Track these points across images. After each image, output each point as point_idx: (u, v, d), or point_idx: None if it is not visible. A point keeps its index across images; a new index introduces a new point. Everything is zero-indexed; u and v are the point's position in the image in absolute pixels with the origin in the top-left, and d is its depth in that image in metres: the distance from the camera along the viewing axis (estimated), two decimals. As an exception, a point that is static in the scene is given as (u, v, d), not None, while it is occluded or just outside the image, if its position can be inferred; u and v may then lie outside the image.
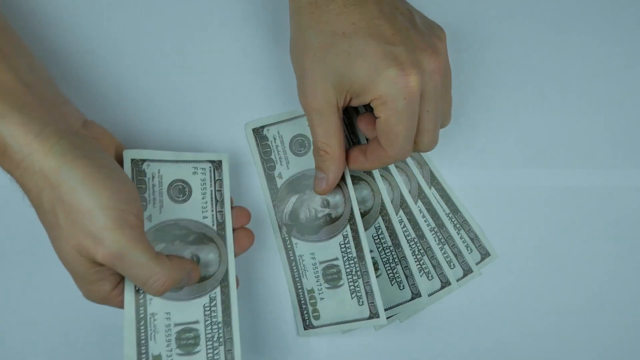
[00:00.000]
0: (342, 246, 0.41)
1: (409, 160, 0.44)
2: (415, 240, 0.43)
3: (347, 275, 0.40)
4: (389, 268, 0.43)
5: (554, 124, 0.45)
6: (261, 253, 0.42)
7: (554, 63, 0.45)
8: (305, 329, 0.41)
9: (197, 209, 0.38)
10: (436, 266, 0.43)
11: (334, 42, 0.34)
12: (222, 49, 0.44)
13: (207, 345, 0.36)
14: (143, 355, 0.35)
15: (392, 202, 0.43)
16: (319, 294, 0.41)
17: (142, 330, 0.35)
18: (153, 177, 0.38)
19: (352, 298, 0.40)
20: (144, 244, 0.32)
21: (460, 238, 0.44)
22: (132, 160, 0.37)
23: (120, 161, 0.37)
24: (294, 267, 0.41)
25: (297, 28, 0.36)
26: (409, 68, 0.33)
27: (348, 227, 0.41)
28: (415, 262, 0.43)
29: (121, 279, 0.34)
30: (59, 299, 0.42)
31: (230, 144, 0.43)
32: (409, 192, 0.44)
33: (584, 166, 0.45)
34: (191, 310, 0.36)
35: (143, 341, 0.35)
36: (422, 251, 0.43)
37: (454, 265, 0.44)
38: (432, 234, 0.44)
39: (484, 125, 0.45)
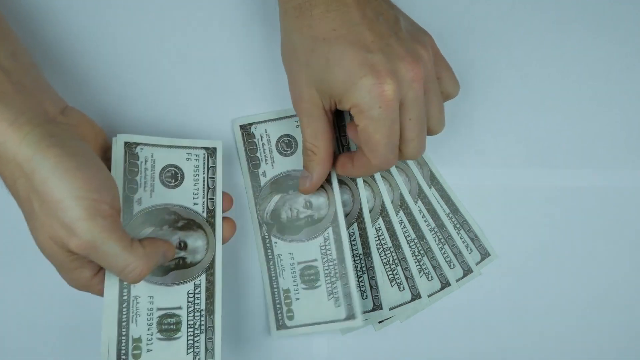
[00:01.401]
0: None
1: (409, 160, 0.44)
2: (415, 241, 0.43)
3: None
4: (389, 269, 0.43)
5: (554, 124, 0.45)
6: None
7: (554, 63, 0.45)
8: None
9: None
10: (436, 267, 0.43)
11: (315, 47, 0.34)
12: (216, 43, 0.43)
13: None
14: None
15: (392, 203, 0.43)
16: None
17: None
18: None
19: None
20: (117, 233, 0.32)
21: (460, 238, 0.44)
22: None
23: (102, 148, 0.37)
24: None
25: (284, 31, 0.37)
26: (385, 77, 0.33)
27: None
28: (415, 262, 0.43)
29: (98, 272, 0.35)
30: (56, 294, 0.42)
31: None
32: (409, 192, 0.44)
33: (583, 166, 0.45)
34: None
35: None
36: (422, 252, 0.43)
37: (454, 265, 0.44)
38: (432, 234, 0.44)
39: (484, 125, 0.45)
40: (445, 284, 0.43)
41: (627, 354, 0.44)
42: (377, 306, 0.42)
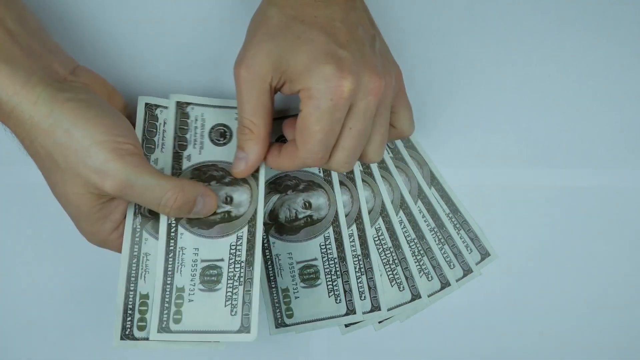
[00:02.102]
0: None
1: (409, 160, 0.44)
2: (415, 241, 0.43)
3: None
4: (389, 269, 0.43)
5: (554, 124, 0.45)
6: None
7: (554, 63, 0.45)
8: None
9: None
10: (436, 267, 0.43)
11: (291, 25, 0.34)
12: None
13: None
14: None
15: (392, 203, 0.43)
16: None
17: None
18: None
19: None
20: (148, 167, 0.33)
21: (460, 238, 0.44)
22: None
23: (117, 106, 0.37)
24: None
25: (265, 3, 0.36)
26: (347, 73, 0.32)
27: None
28: (415, 262, 0.43)
29: (122, 220, 0.36)
30: (58, 295, 0.42)
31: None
32: (409, 192, 0.44)
33: (583, 166, 0.45)
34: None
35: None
36: (422, 252, 0.43)
37: (453, 265, 0.44)
38: (432, 234, 0.44)
39: (484, 125, 0.45)
40: (445, 284, 0.43)
41: (627, 354, 0.44)
42: (375, 307, 0.42)
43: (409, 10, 0.45)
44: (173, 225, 0.37)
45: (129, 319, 0.36)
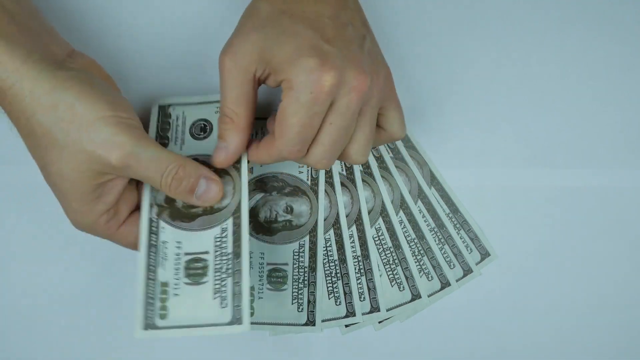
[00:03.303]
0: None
1: (409, 160, 0.44)
2: (415, 241, 0.43)
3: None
4: (389, 269, 0.43)
5: (554, 124, 0.45)
6: None
7: (554, 63, 0.45)
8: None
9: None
10: (436, 267, 0.43)
11: (279, 18, 0.34)
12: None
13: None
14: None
15: (392, 203, 0.43)
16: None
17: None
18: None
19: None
20: (151, 140, 0.34)
21: (460, 238, 0.44)
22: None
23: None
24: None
25: None
26: (330, 68, 0.32)
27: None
28: (415, 262, 0.43)
29: (114, 203, 0.35)
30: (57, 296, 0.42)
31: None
32: (409, 192, 0.44)
33: (583, 166, 0.45)
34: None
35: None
36: (422, 252, 0.43)
37: (453, 265, 0.44)
38: (432, 234, 0.44)
39: (484, 125, 0.45)
40: (445, 284, 0.43)
41: (627, 354, 0.44)
42: (374, 308, 0.42)
43: (408, 10, 0.45)
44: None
45: (150, 308, 0.35)
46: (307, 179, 0.43)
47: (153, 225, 0.37)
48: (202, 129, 0.40)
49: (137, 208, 0.36)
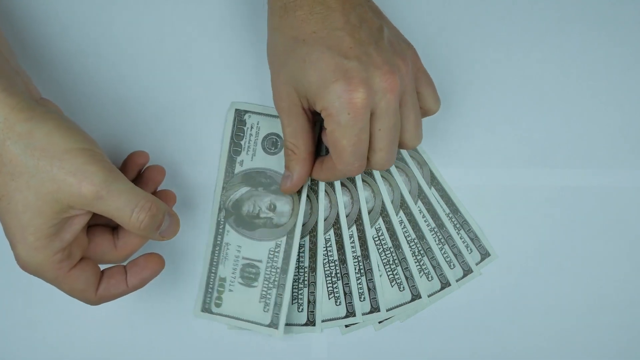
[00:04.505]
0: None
1: (409, 160, 0.44)
2: (415, 241, 0.43)
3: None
4: (389, 269, 0.43)
5: (554, 124, 0.45)
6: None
7: (554, 63, 0.45)
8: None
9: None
10: (436, 267, 0.43)
11: (295, 47, 0.35)
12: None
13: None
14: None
15: (392, 203, 0.43)
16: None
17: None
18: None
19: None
20: (122, 175, 0.33)
21: (460, 238, 0.44)
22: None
23: None
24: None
25: (270, 30, 0.37)
26: (357, 84, 0.33)
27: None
28: (415, 262, 0.43)
29: (71, 242, 0.34)
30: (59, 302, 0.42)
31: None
32: (409, 192, 0.44)
33: (583, 166, 0.45)
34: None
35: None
36: (422, 252, 0.43)
37: (454, 265, 0.44)
38: (432, 234, 0.44)
39: (484, 125, 0.45)
40: (445, 284, 0.43)
41: (627, 354, 0.44)
42: (374, 308, 0.42)
43: (408, 10, 0.45)
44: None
45: (208, 295, 0.42)
46: None
47: (220, 227, 0.42)
48: (273, 144, 0.43)
49: (86, 257, 0.35)
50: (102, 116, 0.43)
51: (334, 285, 0.42)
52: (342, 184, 0.43)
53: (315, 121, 0.40)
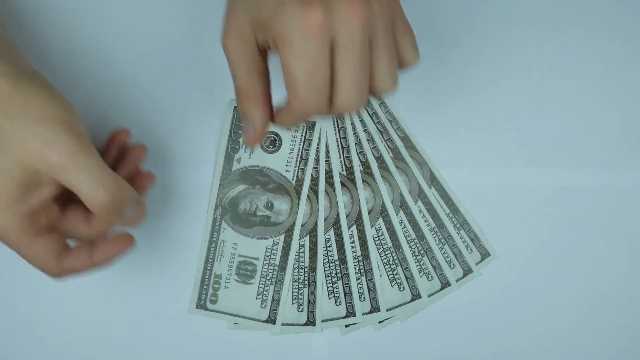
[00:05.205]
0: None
1: (409, 160, 0.44)
2: (415, 241, 0.43)
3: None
4: (389, 269, 0.43)
5: (554, 124, 0.45)
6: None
7: (554, 63, 0.45)
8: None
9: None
10: (436, 267, 0.43)
11: None
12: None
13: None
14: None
15: (392, 203, 0.43)
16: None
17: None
18: None
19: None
20: (94, 150, 0.33)
21: (460, 238, 0.44)
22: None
23: None
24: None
25: None
26: (314, 3, 0.29)
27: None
28: (415, 262, 0.43)
29: (35, 211, 0.33)
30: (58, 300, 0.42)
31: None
32: (409, 192, 0.44)
33: (583, 166, 0.45)
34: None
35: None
36: (422, 252, 0.43)
37: (454, 265, 0.44)
38: (432, 234, 0.44)
39: (484, 125, 0.45)
40: (445, 284, 0.43)
41: (627, 354, 0.44)
42: (374, 308, 0.42)
43: (408, 10, 0.45)
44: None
45: (204, 292, 0.42)
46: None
47: (216, 224, 0.42)
48: (271, 142, 0.43)
49: (58, 231, 0.34)
50: (100, 114, 0.43)
51: (334, 285, 0.42)
52: (342, 184, 0.43)
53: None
